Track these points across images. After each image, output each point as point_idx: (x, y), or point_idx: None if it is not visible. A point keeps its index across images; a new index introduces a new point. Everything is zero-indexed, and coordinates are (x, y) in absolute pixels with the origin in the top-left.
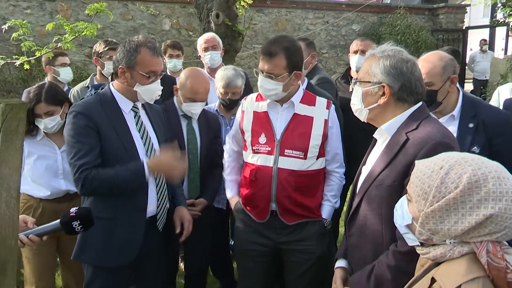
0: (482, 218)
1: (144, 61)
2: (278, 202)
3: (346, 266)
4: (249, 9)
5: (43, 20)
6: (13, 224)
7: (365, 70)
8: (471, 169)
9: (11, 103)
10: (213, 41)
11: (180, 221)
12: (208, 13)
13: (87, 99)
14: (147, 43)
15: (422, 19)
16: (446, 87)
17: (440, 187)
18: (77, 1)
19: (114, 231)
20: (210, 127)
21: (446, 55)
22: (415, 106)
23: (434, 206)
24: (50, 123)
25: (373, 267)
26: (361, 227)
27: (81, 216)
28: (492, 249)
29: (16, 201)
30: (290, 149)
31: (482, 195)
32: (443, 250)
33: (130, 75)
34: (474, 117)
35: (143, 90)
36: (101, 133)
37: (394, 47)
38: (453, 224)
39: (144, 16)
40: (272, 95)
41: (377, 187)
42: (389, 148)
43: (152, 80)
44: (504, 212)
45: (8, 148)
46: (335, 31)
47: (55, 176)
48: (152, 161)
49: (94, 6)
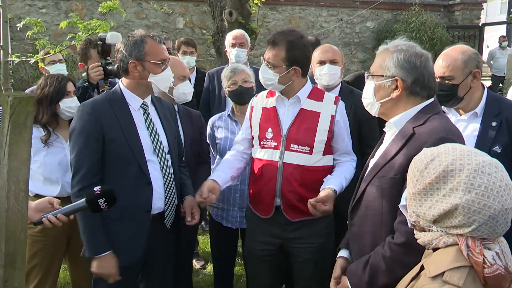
0: (449, 206)
1: (153, 50)
2: (282, 197)
3: (347, 256)
4: (263, 7)
5: (58, 19)
6: (22, 217)
7: (378, 64)
8: (452, 158)
9: (19, 97)
10: (242, 38)
11: (191, 210)
12: (222, 11)
13: (96, 98)
14: (149, 33)
15: (438, 16)
16: (468, 82)
17: (423, 171)
18: (92, 0)
19: (118, 232)
20: (193, 123)
21: (469, 49)
22: (427, 102)
23: (415, 188)
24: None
25: (370, 257)
26: (362, 217)
27: (105, 193)
28: (471, 244)
29: (24, 193)
30: (296, 144)
31: (454, 184)
32: (430, 237)
33: (142, 67)
34: (498, 115)
35: (157, 79)
36: (106, 136)
37: (407, 41)
38: (427, 208)
39: (158, 14)
40: (269, 85)
41: (380, 179)
42: (396, 142)
43: (164, 68)
44: (471, 205)
45: (17, 141)
46: (349, 28)
47: (66, 171)
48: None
49: (107, 4)
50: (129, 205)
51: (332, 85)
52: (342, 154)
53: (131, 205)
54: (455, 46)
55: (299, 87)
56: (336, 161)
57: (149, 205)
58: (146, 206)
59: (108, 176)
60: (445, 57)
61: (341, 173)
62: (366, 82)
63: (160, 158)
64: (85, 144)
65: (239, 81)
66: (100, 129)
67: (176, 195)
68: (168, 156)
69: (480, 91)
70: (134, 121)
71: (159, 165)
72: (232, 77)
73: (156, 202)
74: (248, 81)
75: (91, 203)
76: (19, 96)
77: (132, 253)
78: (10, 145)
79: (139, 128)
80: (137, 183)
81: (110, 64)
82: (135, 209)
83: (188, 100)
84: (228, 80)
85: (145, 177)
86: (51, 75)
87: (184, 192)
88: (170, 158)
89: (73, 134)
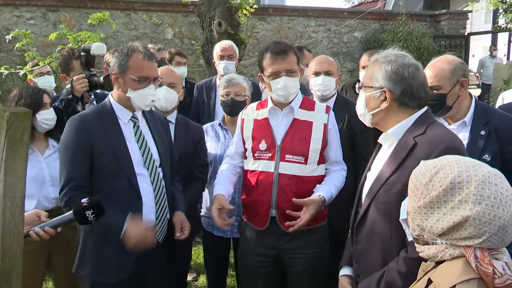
0: (460, 218)
1: (135, 65)
2: (278, 207)
3: (351, 274)
4: (251, 18)
5: (46, 31)
6: (18, 233)
7: (369, 75)
8: (458, 170)
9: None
10: (230, 50)
11: (181, 226)
12: (211, 22)
13: (85, 112)
14: (139, 47)
15: (424, 26)
16: (456, 91)
17: (428, 184)
18: (80, 11)
19: (107, 247)
20: (189, 136)
21: (456, 59)
22: (421, 111)
23: (420, 202)
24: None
25: (383, 274)
26: (369, 233)
27: (93, 205)
28: (480, 255)
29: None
30: (291, 154)
31: (463, 196)
32: (435, 250)
33: (123, 80)
34: (487, 124)
35: (135, 96)
36: (94, 150)
37: (398, 51)
38: (435, 222)
39: (146, 25)
40: (293, 93)
41: (386, 192)
42: (397, 153)
43: (144, 85)
44: (482, 216)
45: (13, 157)
46: (337, 38)
47: (43, 184)
48: (130, 231)
49: (97, 16)
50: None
51: (327, 96)
52: (332, 163)
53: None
54: (441, 57)
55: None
56: (327, 171)
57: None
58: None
59: (97, 191)
60: (432, 68)
61: (330, 182)
62: (359, 93)
63: (150, 171)
64: (74, 156)
65: (232, 93)
66: (88, 143)
67: (168, 208)
68: (160, 169)
69: (468, 100)
70: (123, 134)
71: (150, 178)
72: (227, 87)
73: (147, 216)
74: (241, 94)
75: (78, 215)
76: (15, 111)
77: (122, 269)
78: (6, 160)
79: (128, 142)
80: (126, 197)
81: (94, 75)
82: (124, 223)
83: (164, 106)
84: (222, 89)
85: (135, 191)
86: (26, 87)
87: (174, 206)
88: (161, 171)
89: (62, 147)
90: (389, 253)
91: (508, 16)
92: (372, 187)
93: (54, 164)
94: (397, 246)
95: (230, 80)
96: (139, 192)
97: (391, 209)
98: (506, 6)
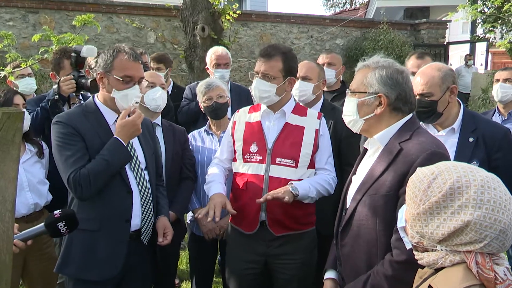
0: (460, 224)
1: (120, 65)
2: (268, 211)
3: (336, 277)
4: (234, 23)
5: (25, 32)
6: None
7: (360, 81)
8: (457, 175)
9: (8, 112)
10: (226, 58)
11: (164, 231)
12: (194, 27)
13: (70, 111)
14: (125, 48)
15: (405, 34)
16: (446, 98)
17: (427, 191)
18: (61, 14)
19: (96, 244)
20: (176, 138)
21: (445, 66)
22: (407, 117)
23: (420, 209)
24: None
25: (368, 277)
26: (354, 236)
27: (66, 217)
28: (481, 260)
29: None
30: (282, 158)
31: (463, 201)
32: (435, 256)
33: (107, 80)
34: (474, 131)
35: (119, 96)
36: (86, 142)
37: (386, 58)
38: (435, 228)
39: (129, 29)
40: (266, 97)
41: (371, 196)
42: (383, 158)
43: (128, 86)
44: (483, 220)
45: (4, 159)
46: (319, 45)
47: (21, 190)
48: (118, 124)
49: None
50: (107, 217)
51: (305, 101)
52: (322, 169)
53: (109, 217)
54: (430, 64)
55: (286, 100)
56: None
57: (128, 214)
58: (126, 215)
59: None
60: (422, 75)
61: (312, 180)
62: (346, 100)
63: (136, 173)
64: (68, 140)
65: (214, 96)
66: (78, 133)
67: (153, 211)
68: (145, 172)
69: (457, 107)
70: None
71: (135, 180)
72: (207, 92)
73: (133, 219)
74: (223, 96)
75: (50, 227)
76: (7, 112)
77: (110, 267)
78: None
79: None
80: (117, 191)
81: (83, 77)
82: (114, 220)
83: (160, 106)
84: (203, 95)
85: (125, 185)
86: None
87: (158, 211)
88: (147, 174)
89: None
90: (373, 257)
91: (486, 26)
92: (358, 191)
93: (32, 169)
94: (382, 250)
95: (210, 84)
96: (130, 186)
97: (376, 213)
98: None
